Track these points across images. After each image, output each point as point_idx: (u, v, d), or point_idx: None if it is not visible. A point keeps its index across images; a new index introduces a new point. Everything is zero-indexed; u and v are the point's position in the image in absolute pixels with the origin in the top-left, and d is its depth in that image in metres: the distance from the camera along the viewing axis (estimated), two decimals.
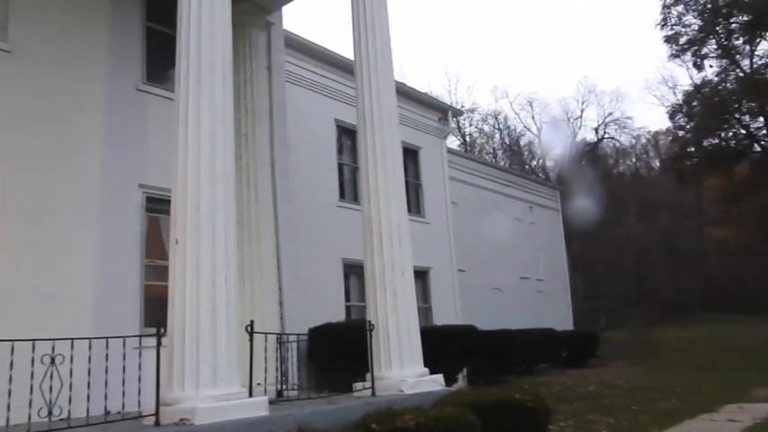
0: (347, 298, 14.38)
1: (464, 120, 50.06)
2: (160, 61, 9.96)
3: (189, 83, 6.92)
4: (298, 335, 9.61)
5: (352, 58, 9.44)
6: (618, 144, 54.18)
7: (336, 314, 13.19)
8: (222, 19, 7.26)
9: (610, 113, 52.87)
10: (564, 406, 11.58)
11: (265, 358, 7.84)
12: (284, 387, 9.09)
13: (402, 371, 8.13)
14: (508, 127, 54.21)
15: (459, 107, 44.42)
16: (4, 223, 7.69)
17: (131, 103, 9.42)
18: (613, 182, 50.20)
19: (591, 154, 52.40)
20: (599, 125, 52.97)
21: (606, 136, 52.90)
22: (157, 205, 9.18)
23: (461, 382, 14.58)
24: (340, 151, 15.38)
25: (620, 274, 46.64)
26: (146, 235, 9.12)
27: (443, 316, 16.19)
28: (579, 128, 53.92)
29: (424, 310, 15.67)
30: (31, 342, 5.36)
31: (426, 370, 8.42)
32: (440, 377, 8.51)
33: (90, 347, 5.93)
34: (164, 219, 9.14)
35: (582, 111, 53.98)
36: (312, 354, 11.40)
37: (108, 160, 8.85)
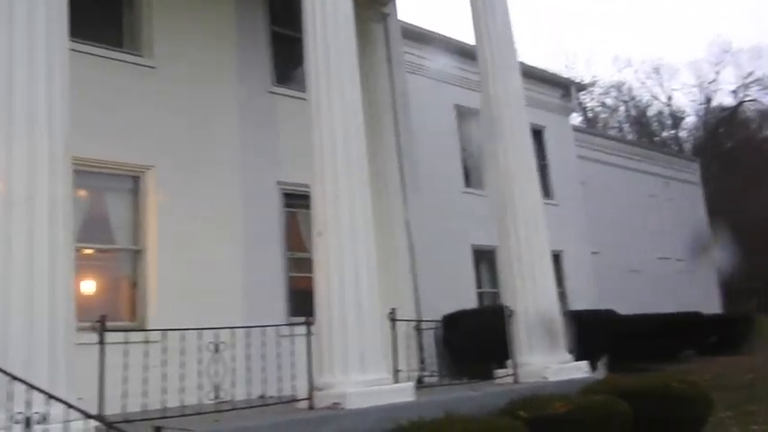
0: (479, 284, 14.29)
1: (584, 95, 47.90)
2: (286, 63, 10.39)
3: (319, 81, 7.13)
4: (434, 322, 9.69)
5: (470, 42, 9.33)
6: (762, 106, 49.52)
7: (468, 301, 13.14)
8: (345, 16, 7.40)
9: (750, 73, 48.36)
10: (719, 395, 10.82)
11: (406, 345, 7.96)
12: (423, 374, 9.20)
13: (545, 357, 7.95)
14: (633, 98, 51.13)
15: (579, 81, 42.58)
16: (160, 223, 8.36)
17: (263, 105, 9.88)
18: (758, 148, 46.03)
19: (729, 120, 48.36)
20: (738, 87, 48.64)
21: (747, 98, 48.52)
22: (294, 200, 9.59)
23: (601, 369, 14.03)
24: (462, 137, 15.28)
25: None
26: (286, 229, 9.56)
27: (578, 300, 15.66)
28: (715, 92, 49.89)
29: (559, 295, 15.21)
30: (196, 331, 5.78)
31: (570, 356, 8.19)
32: (584, 364, 8.25)
33: (246, 336, 6.29)
34: (301, 213, 9.54)
35: (717, 73, 49.84)
36: (446, 341, 11.43)
37: (246, 161, 9.35)
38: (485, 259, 14.10)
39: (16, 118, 5.10)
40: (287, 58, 10.38)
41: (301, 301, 8.98)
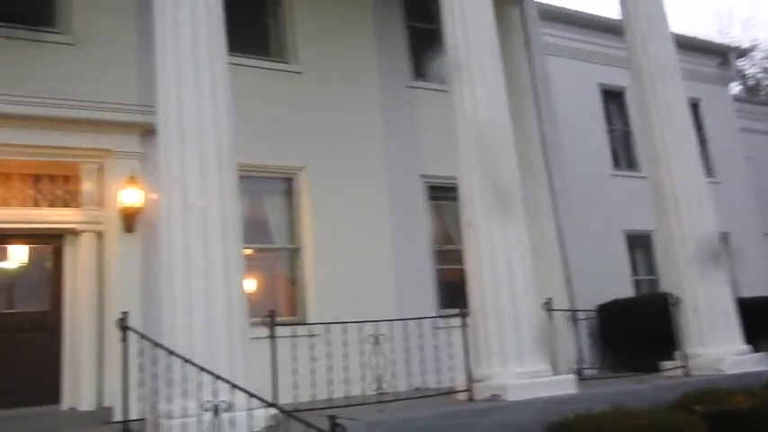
0: (634, 272, 13.51)
1: (744, 61, 43.56)
2: (424, 57, 10.43)
3: (461, 71, 7.07)
4: (589, 311, 9.30)
5: (613, 16, 8.81)
6: None
7: (623, 289, 12.45)
8: (484, 2, 7.28)
9: None
10: None
11: (562, 336, 7.72)
12: (581, 366, 8.86)
13: (718, 348, 7.36)
14: None
15: (737, 47, 38.75)
16: (314, 222, 8.73)
17: (403, 100, 9.99)
18: None
19: None
20: None
21: None
22: (438, 193, 9.63)
23: None
24: (607, 117, 14.51)
25: None
26: (432, 222, 9.63)
27: (749, 286, 14.31)
28: None
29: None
30: (357, 324, 5.98)
31: (747, 347, 7.52)
32: (764, 356, 7.52)
33: (403, 328, 6.41)
34: (446, 205, 9.55)
35: None
36: (602, 331, 10.90)
37: (390, 156, 9.51)
38: (639, 245, 13.30)
39: (187, 133, 5.55)
40: (424, 52, 10.43)
41: (451, 293, 9.00)
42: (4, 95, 6.94)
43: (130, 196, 7.45)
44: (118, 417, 6.71)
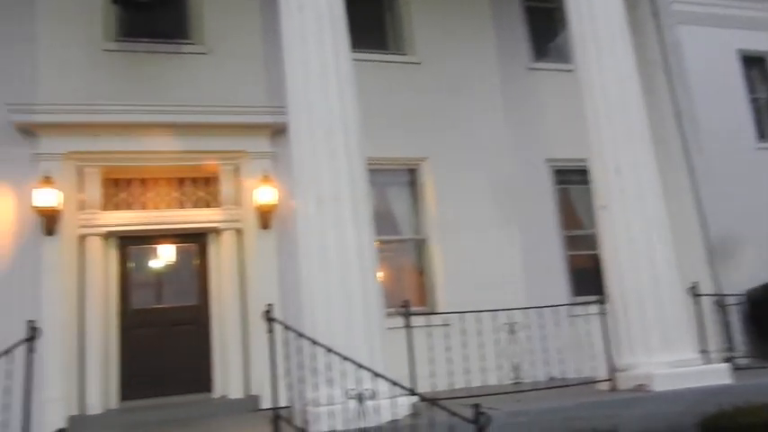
0: None
1: None
2: (544, 37, 10.09)
3: (586, 46, 6.78)
4: (737, 296, 8.64)
5: None
6: None
7: None
8: None
9: None
10: None
11: (709, 323, 7.22)
12: (732, 354, 8.25)
13: None
14: None
15: None
16: (439, 211, 8.72)
17: (523, 83, 9.71)
18: None
19: None
20: None
21: None
22: (564, 177, 9.31)
23: None
24: (749, 85, 13.34)
25: None
26: (559, 207, 9.32)
27: None
28: None
29: None
30: (490, 313, 5.92)
31: None
32: None
33: (538, 316, 6.26)
34: (573, 189, 9.23)
35: None
36: (752, 317, 10.10)
37: (513, 141, 9.30)
38: None
39: (317, 130, 5.71)
40: (543, 32, 10.09)
41: (583, 280, 8.69)
42: (150, 106, 7.48)
43: (265, 194, 7.81)
44: (265, 404, 7.15)
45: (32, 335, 4.62)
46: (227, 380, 7.53)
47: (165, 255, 8.15)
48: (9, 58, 7.40)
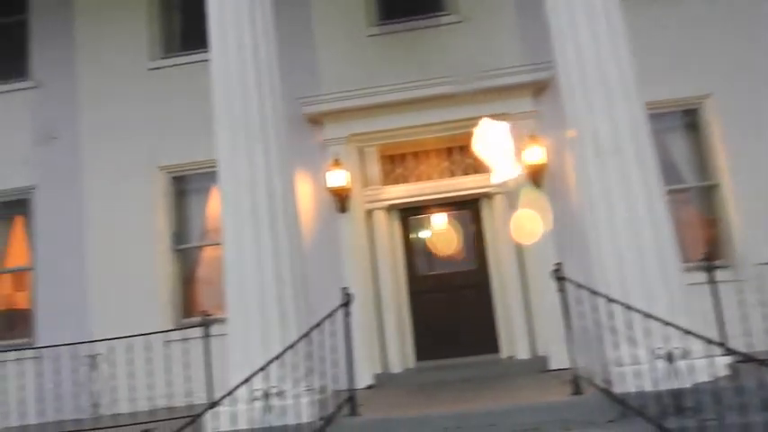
0: None
1: None
2: None
3: None
4: None
5: None
6: None
7: None
8: None
9: None
10: None
11: None
12: None
13: None
14: None
15: None
16: (728, 153, 7.73)
17: None
18: None
19: None
20: None
21: None
22: None
23: None
24: None
25: None
26: None
27: None
28: None
29: None
30: None
31: None
32: None
33: None
34: None
35: None
36: None
37: None
38: None
39: (590, 80, 5.44)
40: None
41: None
42: (415, 81, 7.82)
43: (533, 154, 7.69)
44: (553, 365, 7.12)
45: (347, 300, 5.16)
46: (513, 341, 7.65)
47: (441, 223, 8.51)
48: (295, 56, 8.28)
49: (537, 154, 7.69)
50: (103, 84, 8.65)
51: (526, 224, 7.61)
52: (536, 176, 7.75)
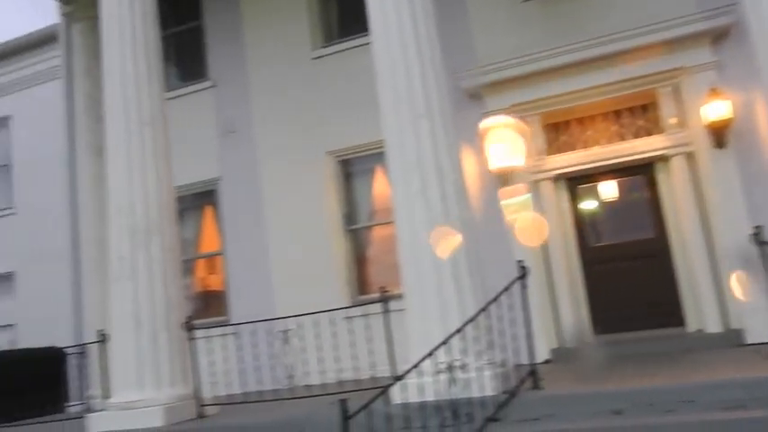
0: None
1: None
2: None
3: None
4: None
5: None
6: None
7: None
8: None
9: None
10: None
11: None
12: None
13: None
14: None
15: None
16: None
17: None
18: None
19: None
20: None
21: None
22: None
23: None
24: None
25: None
26: None
27: None
28: None
29: None
30: None
31: None
32: None
33: None
34: None
35: None
36: None
37: None
38: None
39: None
40: None
41: None
42: (573, 44, 7.45)
43: (715, 110, 7.02)
44: (750, 339, 6.53)
45: (523, 273, 5.08)
46: (701, 313, 7.10)
47: (611, 190, 8.08)
48: (448, 30, 8.14)
49: (720, 109, 7.00)
50: (272, 77, 9.22)
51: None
52: (719, 135, 7.07)
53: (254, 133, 9.20)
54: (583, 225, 7.98)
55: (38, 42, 12.87)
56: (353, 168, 8.91)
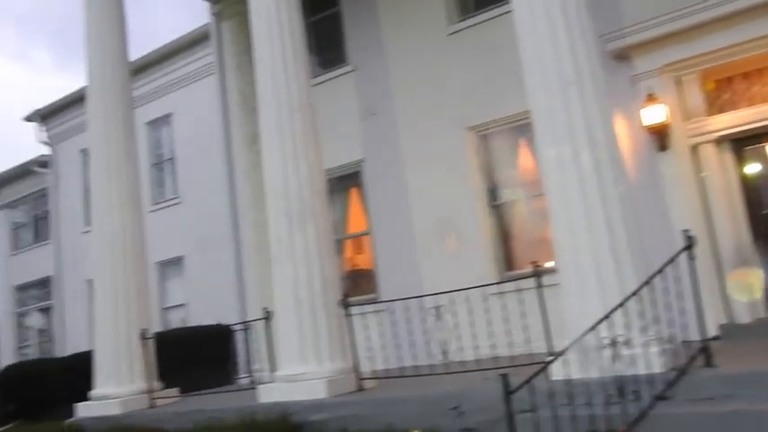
0: None
1: None
2: None
3: None
4: None
5: None
6: None
7: None
8: None
9: None
10: None
11: None
12: None
13: None
14: None
15: None
16: None
17: None
18: None
19: None
20: None
21: None
22: None
23: None
24: None
25: None
26: None
27: None
28: None
29: None
30: None
31: None
32: None
33: None
34: None
35: None
36: None
37: None
38: None
39: None
40: None
41: None
42: None
43: None
44: None
45: (690, 243, 4.73)
46: None
47: None
48: None
49: None
50: (409, 57, 9.27)
51: None
52: None
53: (395, 114, 9.32)
54: (752, 191, 7.30)
55: (192, 42, 13.85)
56: (496, 142, 8.76)
